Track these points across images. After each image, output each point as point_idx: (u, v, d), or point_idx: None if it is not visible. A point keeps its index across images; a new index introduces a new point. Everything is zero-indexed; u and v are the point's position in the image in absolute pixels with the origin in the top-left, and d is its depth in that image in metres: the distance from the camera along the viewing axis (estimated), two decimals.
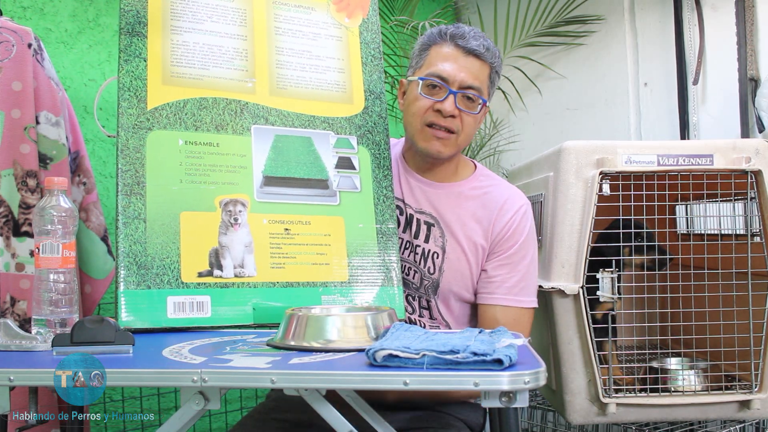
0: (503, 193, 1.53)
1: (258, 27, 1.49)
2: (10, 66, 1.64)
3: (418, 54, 1.53)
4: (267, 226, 1.39)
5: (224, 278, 1.34)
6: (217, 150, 1.39)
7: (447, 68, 1.45)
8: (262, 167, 1.41)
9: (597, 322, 1.58)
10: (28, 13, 1.97)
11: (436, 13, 2.56)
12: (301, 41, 1.52)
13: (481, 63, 1.47)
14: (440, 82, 1.45)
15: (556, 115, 2.78)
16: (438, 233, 1.51)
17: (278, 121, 1.45)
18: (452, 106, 1.44)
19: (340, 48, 1.55)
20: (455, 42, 1.46)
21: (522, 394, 0.90)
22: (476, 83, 1.46)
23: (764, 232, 1.56)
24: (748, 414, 1.61)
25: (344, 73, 1.54)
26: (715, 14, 2.33)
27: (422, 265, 1.51)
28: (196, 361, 1.00)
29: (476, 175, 1.57)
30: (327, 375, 0.94)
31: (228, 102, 1.42)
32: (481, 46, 1.46)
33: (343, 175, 1.46)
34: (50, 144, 1.70)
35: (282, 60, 1.49)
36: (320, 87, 1.51)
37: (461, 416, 1.48)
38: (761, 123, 2.13)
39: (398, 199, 1.55)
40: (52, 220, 1.16)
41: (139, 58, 1.39)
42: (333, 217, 1.43)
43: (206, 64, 1.43)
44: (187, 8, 1.45)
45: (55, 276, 1.16)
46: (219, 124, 1.40)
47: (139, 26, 1.40)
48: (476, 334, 1.05)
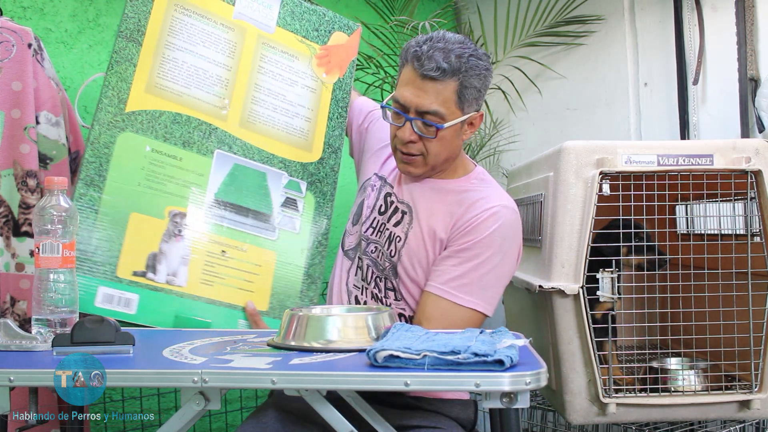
0: (482, 193, 1.51)
1: (244, 61, 1.60)
2: (10, 66, 1.64)
3: (398, 69, 1.55)
4: (207, 244, 1.50)
5: (156, 282, 1.44)
6: (179, 164, 1.50)
7: (405, 94, 1.46)
8: (216, 190, 1.52)
9: (597, 322, 1.58)
10: (28, 13, 1.97)
11: (436, 13, 2.55)
12: (279, 84, 1.63)
13: (440, 84, 1.43)
14: (396, 109, 1.48)
15: (556, 115, 2.78)
16: (407, 220, 1.54)
17: (240, 151, 1.56)
18: (410, 133, 1.46)
19: (312, 99, 1.67)
20: (413, 64, 1.44)
21: (523, 395, 0.90)
22: (433, 107, 1.43)
23: (764, 232, 1.56)
24: (748, 414, 1.61)
25: (310, 122, 1.66)
26: (715, 14, 2.33)
27: (386, 248, 1.54)
28: (196, 362, 1.00)
29: (469, 177, 1.57)
30: (328, 376, 0.94)
31: (200, 123, 1.53)
32: (436, 68, 1.41)
33: (286, 215, 1.58)
34: (50, 144, 1.69)
35: (258, 97, 1.60)
36: (285, 130, 1.62)
37: (452, 414, 1.48)
38: (761, 123, 2.13)
39: (390, 186, 1.61)
40: (52, 219, 1.16)
41: (129, 63, 1.49)
42: (268, 251, 1.55)
43: (189, 84, 1.54)
44: (185, 29, 1.55)
45: (55, 276, 1.16)
46: (187, 140, 1.51)
47: (137, 33, 1.50)
48: (477, 334, 1.05)
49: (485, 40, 2.88)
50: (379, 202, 1.60)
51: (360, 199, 1.66)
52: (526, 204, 1.86)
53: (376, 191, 1.62)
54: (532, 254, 1.77)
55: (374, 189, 1.63)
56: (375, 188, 1.63)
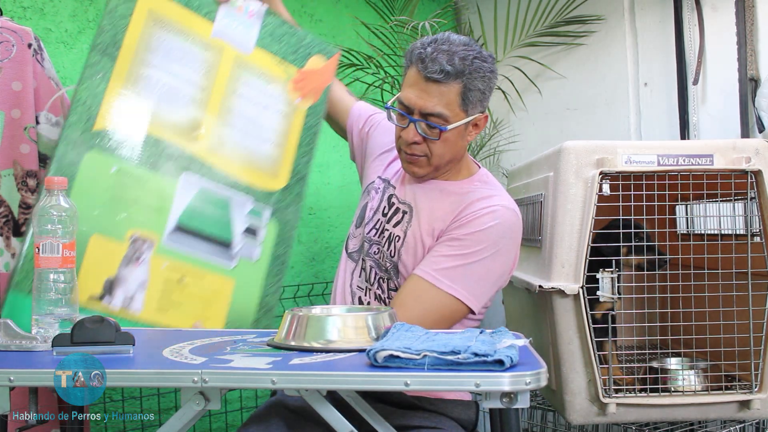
0: (485, 193, 1.51)
1: (219, 82, 1.55)
2: (10, 66, 1.64)
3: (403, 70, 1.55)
4: (165, 271, 1.45)
5: (111, 307, 1.39)
6: (145, 187, 1.44)
7: (409, 95, 1.46)
8: (179, 215, 1.47)
9: (597, 322, 1.58)
10: (28, 13, 1.97)
11: (436, 13, 2.55)
12: (252, 108, 1.59)
13: (444, 86, 1.43)
14: (400, 110, 1.48)
15: (556, 115, 2.78)
16: (407, 220, 1.54)
17: (207, 175, 1.51)
18: (412, 135, 1.47)
19: (284, 124, 1.62)
20: (417, 66, 1.45)
21: (523, 395, 0.90)
22: (437, 109, 1.44)
23: (764, 232, 1.56)
24: (748, 414, 1.61)
25: (280, 148, 1.61)
26: (715, 14, 2.33)
27: (386, 248, 1.54)
28: (196, 362, 1.00)
29: (473, 179, 1.57)
30: (328, 376, 0.94)
31: (169, 145, 1.48)
32: (439, 71, 1.41)
33: (246, 243, 1.54)
34: (50, 144, 1.69)
35: (229, 120, 1.56)
36: (254, 155, 1.58)
37: (453, 414, 1.48)
38: (761, 123, 2.13)
39: (393, 188, 1.60)
40: (52, 219, 1.16)
41: (102, 78, 1.43)
42: (225, 278, 1.51)
43: (161, 103, 1.48)
44: (162, 46, 1.50)
45: (55, 276, 1.16)
46: (154, 163, 1.46)
47: (113, 47, 1.44)
48: (477, 334, 1.05)
49: (485, 40, 2.88)
50: (383, 204, 1.60)
51: (363, 202, 1.66)
52: (526, 204, 1.86)
53: (380, 194, 1.62)
54: (532, 254, 1.77)
55: (378, 192, 1.63)
56: (378, 191, 1.63)
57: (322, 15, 2.62)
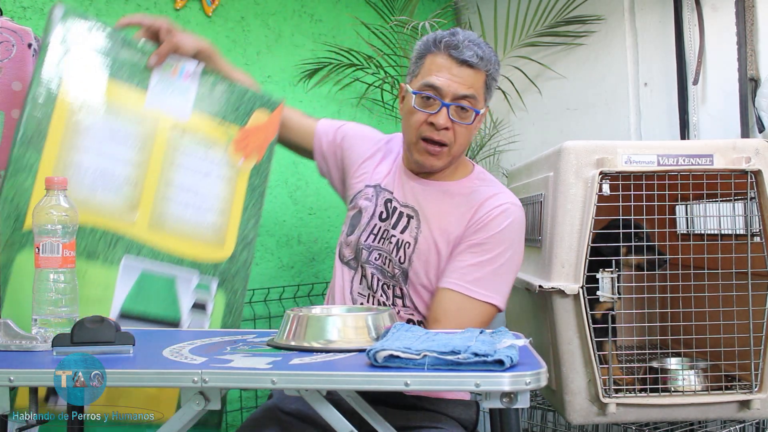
0: (490, 191, 1.54)
1: (156, 156, 1.47)
2: (10, 66, 1.64)
3: (414, 61, 1.54)
4: None
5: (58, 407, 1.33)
6: (83, 280, 1.34)
7: (440, 80, 1.46)
8: (122, 302, 1.40)
9: (597, 322, 1.58)
10: (28, 13, 1.96)
11: (436, 13, 2.55)
12: (192, 178, 1.51)
13: (475, 72, 1.47)
14: (433, 94, 1.46)
15: (556, 115, 2.78)
16: (415, 225, 1.53)
17: (149, 255, 1.44)
18: (445, 119, 1.46)
19: (227, 189, 1.55)
20: (449, 52, 1.46)
21: (523, 395, 0.90)
22: (470, 92, 1.46)
23: (764, 232, 1.56)
24: (748, 414, 1.61)
25: (223, 215, 1.54)
26: (715, 14, 2.33)
27: (394, 254, 1.53)
28: (196, 362, 1.00)
29: (471, 177, 1.58)
30: (328, 376, 0.94)
31: (105, 232, 1.39)
32: (475, 56, 1.46)
33: (195, 319, 1.48)
34: None
35: (168, 194, 1.48)
36: (197, 227, 1.50)
37: (454, 414, 1.48)
38: (761, 123, 2.13)
39: (391, 195, 1.59)
40: (52, 219, 1.16)
41: (28, 173, 1.34)
42: None
43: (94, 189, 1.40)
44: (92, 126, 1.41)
45: (55, 276, 1.16)
46: (91, 252, 1.38)
47: (38, 137, 1.35)
48: (477, 334, 1.05)
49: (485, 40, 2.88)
50: (379, 208, 1.59)
51: (353, 211, 1.64)
52: (526, 204, 1.86)
53: (374, 200, 1.60)
54: (532, 254, 1.77)
55: (370, 199, 1.61)
56: (371, 198, 1.61)
57: (322, 15, 2.63)
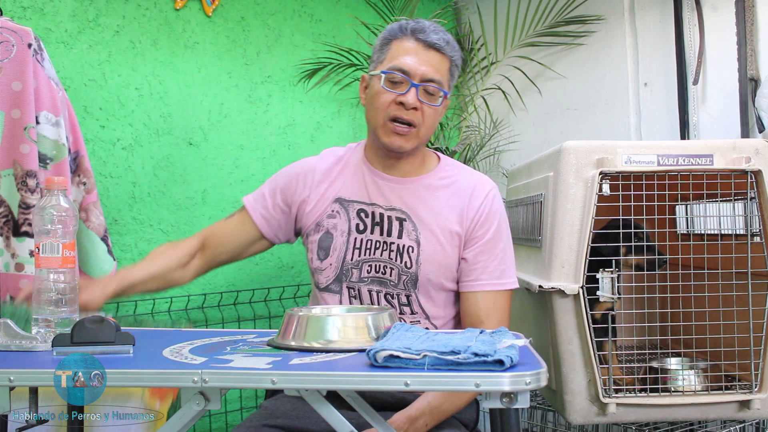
0: (471, 180, 1.57)
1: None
2: (10, 66, 1.64)
3: (379, 49, 1.54)
4: None
5: None
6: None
7: (409, 62, 1.48)
8: None
9: (597, 322, 1.58)
10: (28, 13, 1.97)
11: (436, 13, 2.55)
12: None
13: (441, 56, 1.50)
14: (402, 75, 1.47)
15: (556, 115, 2.78)
16: (411, 227, 1.52)
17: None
18: (414, 99, 1.47)
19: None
20: (416, 36, 1.49)
21: (523, 395, 0.90)
22: (437, 76, 1.48)
23: (764, 232, 1.56)
24: (748, 414, 1.61)
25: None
26: (715, 14, 2.33)
27: (398, 261, 1.52)
28: (196, 362, 1.00)
29: (442, 166, 1.60)
30: (328, 376, 0.94)
31: None
32: (441, 39, 1.49)
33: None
34: (50, 144, 1.69)
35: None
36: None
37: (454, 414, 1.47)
38: (761, 123, 2.13)
39: (365, 203, 1.55)
40: (52, 219, 1.16)
41: None
42: None
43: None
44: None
45: (55, 276, 1.15)
46: None
47: None
48: (477, 334, 1.05)
49: (485, 40, 2.88)
50: (353, 222, 1.54)
51: (318, 234, 1.56)
52: (526, 204, 1.86)
53: (342, 215, 1.55)
54: (532, 254, 1.77)
55: (337, 215, 1.55)
56: (337, 214, 1.55)
57: (322, 15, 2.63)
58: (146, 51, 2.19)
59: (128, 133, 2.15)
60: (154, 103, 2.20)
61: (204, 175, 2.31)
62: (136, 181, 2.16)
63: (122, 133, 2.14)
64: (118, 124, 2.13)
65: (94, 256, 1.80)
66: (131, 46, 2.16)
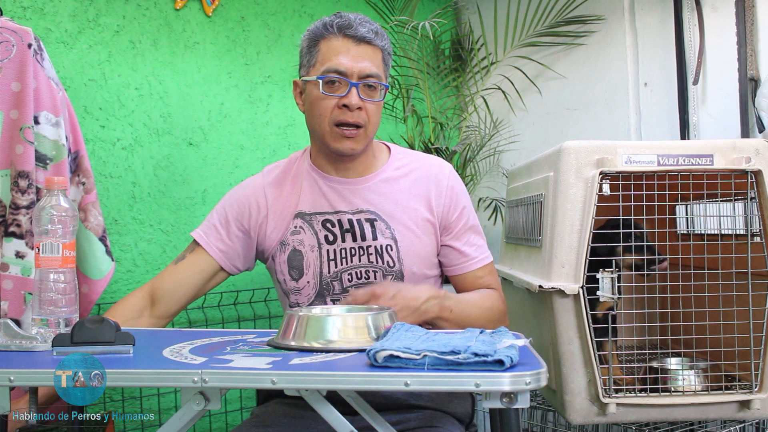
0: (427, 164, 1.58)
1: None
2: (9, 66, 1.64)
3: (307, 51, 1.49)
4: None
5: None
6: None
7: (343, 61, 1.43)
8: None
9: (597, 322, 1.58)
10: (28, 13, 1.97)
11: (436, 13, 2.55)
12: None
13: (373, 48, 1.46)
14: (339, 76, 1.43)
15: (556, 115, 2.78)
16: (383, 226, 1.50)
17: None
18: (357, 99, 1.43)
19: None
20: (344, 33, 1.44)
21: (523, 395, 0.90)
22: (374, 70, 1.45)
23: (764, 232, 1.56)
24: (748, 414, 1.61)
25: None
26: (715, 14, 2.33)
27: (380, 263, 1.50)
28: (196, 362, 1.00)
29: (394, 155, 1.59)
30: (328, 376, 0.94)
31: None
32: (370, 31, 1.45)
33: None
34: (50, 144, 1.69)
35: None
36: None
37: (449, 409, 1.47)
38: (761, 123, 2.13)
39: (328, 213, 1.51)
40: (52, 219, 1.16)
41: None
42: None
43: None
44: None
45: (55, 276, 1.16)
46: None
47: None
48: (477, 334, 1.05)
49: (485, 40, 2.88)
50: (321, 234, 1.51)
51: (284, 254, 1.53)
52: (526, 204, 1.86)
53: (307, 230, 1.52)
54: (532, 254, 1.77)
55: (301, 231, 1.52)
56: (301, 229, 1.52)
57: (322, 15, 2.61)
58: (146, 51, 2.18)
59: (128, 133, 2.15)
60: (154, 103, 2.20)
61: (204, 175, 2.31)
62: (136, 181, 2.16)
63: (122, 133, 2.14)
64: (118, 124, 2.13)
65: (92, 257, 1.80)
66: (131, 46, 2.16)
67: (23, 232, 1.64)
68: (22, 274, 1.63)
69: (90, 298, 1.80)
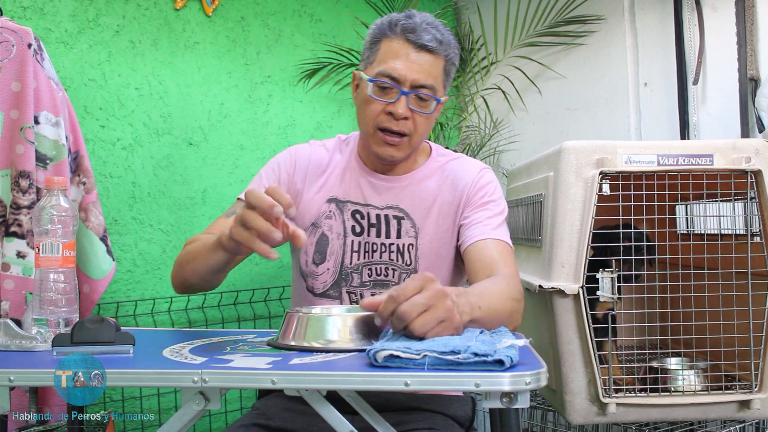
0: (459, 161, 1.55)
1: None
2: (10, 66, 1.64)
3: (369, 47, 1.45)
4: None
5: None
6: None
7: (397, 67, 1.38)
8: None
9: (597, 322, 1.58)
10: (28, 13, 1.97)
11: (437, 13, 2.55)
12: None
13: (434, 57, 1.39)
14: (390, 83, 1.38)
15: (556, 115, 2.78)
16: (409, 224, 1.50)
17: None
18: (404, 109, 1.39)
19: None
20: (406, 36, 1.38)
21: (523, 395, 0.90)
22: (429, 81, 1.39)
23: (764, 232, 1.56)
24: (748, 414, 1.61)
25: None
26: (715, 14, 2.33)
27: (400, 261, 1.50)
28: (196, 362, 1.00)
29: (434, 156, 1.58)
30: (328, 376, 0.94)
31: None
32: (433, 39, 1.38)
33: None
34: (50, 144, 1.69)
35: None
36: None
37: (449, 412, 1.47)
38: (761, 123, 2.13)
39: (360, 204, 1.51)
40: (52, 219, 1.16)
41: None
42: None
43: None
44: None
45: (56, 276, 1.15)
46: None
47: None
48: (477, 334, 1.05)
49: (485, 40, 2.88)
50: (348, 223, 1.50)
51: (314, 236, 1.50)
52: (526, 204, 1.86)
53: (337, 216, 1.51)
54: (532, 254, 1.77)
55: (333, 217, 1.51)
56: (333, 215, 1.51)
57: (322, 15, 2.63)
58: (146, 51, 2.18)
59: (128, 133, 2.15)
60: (154, 103, 2.20)
61: (204, 175, 2.31)
62: (136, 181, 2.16)
63: (122, 133, 2.14)
64: (118, 124, 2.13)
65: (94, 256, 1.80)
66: (131, 46, 2.16)
67: (24, 232, 1.64)
68: (23, 274, 1.63)
69: (91, 298, 1.80)
